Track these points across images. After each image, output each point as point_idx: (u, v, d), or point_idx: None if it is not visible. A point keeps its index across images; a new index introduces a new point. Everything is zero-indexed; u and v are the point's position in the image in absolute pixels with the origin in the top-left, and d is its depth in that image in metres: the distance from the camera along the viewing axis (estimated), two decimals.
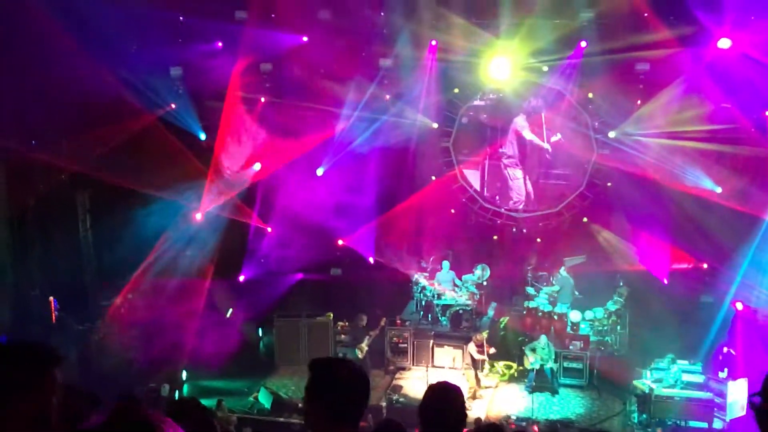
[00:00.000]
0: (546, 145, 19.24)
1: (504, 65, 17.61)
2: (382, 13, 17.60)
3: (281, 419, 15.43)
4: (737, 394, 15.01)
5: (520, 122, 19.44)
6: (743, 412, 14.87)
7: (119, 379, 15.11)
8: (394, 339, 18.19)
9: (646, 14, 16.13)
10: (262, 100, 18.74)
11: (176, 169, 17.23)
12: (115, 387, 14.13)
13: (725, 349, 16.04)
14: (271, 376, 18.05)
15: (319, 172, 19.26)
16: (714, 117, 16.72)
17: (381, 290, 19.38)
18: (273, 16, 17.30)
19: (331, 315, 18.71)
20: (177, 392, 16.31)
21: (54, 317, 16.33)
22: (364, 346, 17.11)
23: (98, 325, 16.89)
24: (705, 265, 18.20)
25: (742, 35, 15.29)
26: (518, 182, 19.97)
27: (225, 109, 17.78)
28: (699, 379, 15.73)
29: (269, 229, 19.66)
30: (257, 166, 18.95)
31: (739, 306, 16.83)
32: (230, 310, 18.33)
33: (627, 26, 16.62)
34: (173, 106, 17.65)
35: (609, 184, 19.11)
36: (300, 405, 16.66)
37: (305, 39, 17.71)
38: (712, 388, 15.43)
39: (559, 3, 16.53)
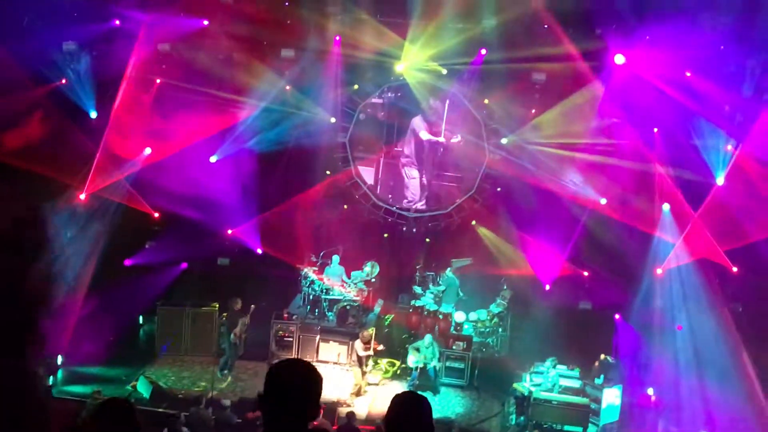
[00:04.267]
0: (441, 139, 19.41)
1: (406, 65, 17.71)
2: (287, 3, 17.38)
3: (160, 409, 15.10)
4: (611, 401, 15.65)
5: (418, 123, 19.58)
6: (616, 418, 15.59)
7: None
8: (280, 332, 18.01)
9: (546, 26, 16.54)
10: (158, 81, 18.19)
11: (63, 146, 16.49)
12: None
13: (603, 357, 16.63)
14: (150, 365, 17.60)
15: (213, 159, 18.82)
16: (604, 130, 17.37)
17: (269, 282, 19.24)
18: None
19: (217, 305, 18.33)
20: (51, 378, 15.79)
21: None
22: (238, 331, 16.98)
23: None
24: (585, 273, 18.82)
25: (636, 54, 15.88)
26: (414, 182, 20.15)
27: (120, 88, 17.14)
28: (576, 384, 16.24)
29: (156, 215, 19.08)
30: (148, 150, 18.33)
31: (617, 316, 17.53)
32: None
33: (528, 36, 16.97)
34: (64, 81, 16.91)
35: (498, 189, 19.49)
36: (180, 395, 16.35)
37: (206, 23, 17.34)
38: (588, 393, 16.01)
39: (464, 9, 16.72)
